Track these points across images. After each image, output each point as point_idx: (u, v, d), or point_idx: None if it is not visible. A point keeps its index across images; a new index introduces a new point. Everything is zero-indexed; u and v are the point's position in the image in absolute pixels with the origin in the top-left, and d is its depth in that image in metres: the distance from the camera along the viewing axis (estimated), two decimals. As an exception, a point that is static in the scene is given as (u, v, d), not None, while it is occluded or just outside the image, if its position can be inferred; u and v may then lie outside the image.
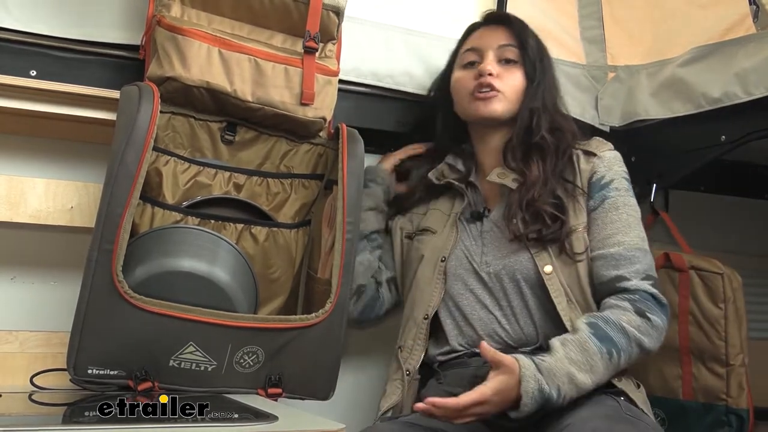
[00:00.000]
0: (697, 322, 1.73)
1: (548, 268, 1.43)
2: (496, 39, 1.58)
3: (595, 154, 1.51)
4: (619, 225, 1.45)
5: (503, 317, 1.47)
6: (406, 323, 1.55)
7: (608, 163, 1.51)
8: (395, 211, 1.69)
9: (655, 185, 1.77)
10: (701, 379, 1.72)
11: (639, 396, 1.40)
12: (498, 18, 1.65)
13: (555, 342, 1.34)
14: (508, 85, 1.54)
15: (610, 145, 1.54)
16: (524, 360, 1.29)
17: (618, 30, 1.98)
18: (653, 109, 1.80)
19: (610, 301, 1.40)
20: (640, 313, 1.37)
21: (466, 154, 1.62)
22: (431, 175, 1.62)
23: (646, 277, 1.42)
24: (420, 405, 1.26)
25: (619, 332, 1.34)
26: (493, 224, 1.53)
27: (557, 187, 1.48)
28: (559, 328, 1.40)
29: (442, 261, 1.53)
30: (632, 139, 1.57)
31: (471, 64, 1.58)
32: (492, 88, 1.53)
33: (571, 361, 1.30)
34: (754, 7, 1.66)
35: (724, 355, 1.70)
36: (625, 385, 1.39)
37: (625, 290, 1.40)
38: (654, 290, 1.41)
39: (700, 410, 1.72)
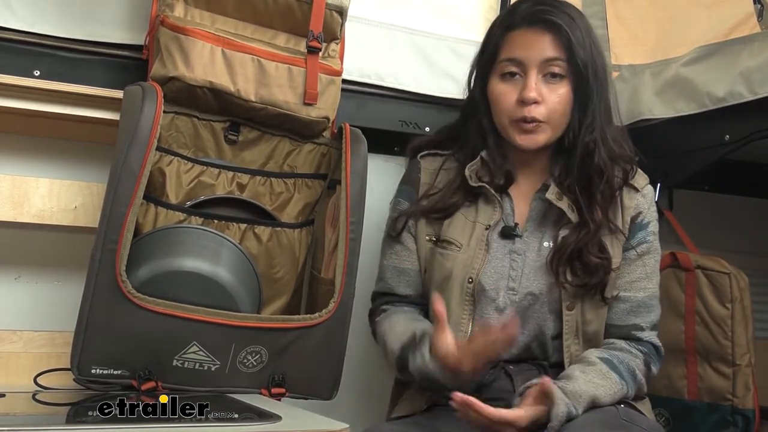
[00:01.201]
0: (703, 322, 1.72)
1: (571, 306, 1.42)
2: (541, 51, 1.42)
3: (638, 190, 1.49)
4: (648, 270, 1.48)
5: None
6: None
7: (649, 201, 1.50)
8: (415, 215, 1.51)
9: (659, 185, 1.76)
10: (707, 379, 1.72)
11: (642, 406, 1.44)
12: (544, 21, 1.43)
13: (574, 370, 1.36)
14: (553, 107, 1.43)
15: (647, 177, 1.52)
16: (552, 385, 1.31)
17: (622, 29, 1.97)
18: (657, 108, 1.79)
19: (623, 345, 1.45)
20: (647, 365, 1.45)
21: (500, 151, 1.49)
22: (468, 172, 1.47)
23: (653, 327, 1.48)
24: (460, 397, 1.25)
25: (630, 375, 1.40)
26: (526, 247, 1.45)
27: (605, 231, 1.44)
28: (557, 356, 1.43)
29: (469, 282, 1.43)
30: (636, 138, 1.56)
31: (511, 75, 1.44)
32: (535, 119, 1.42)
33: (595, 386, 1.34)
34: (759, 5, 1.65)
35: (731, 355, 1.69)
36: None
37: (638, 339, 1.46)
38: (658, 342, 1.48)
39: (705, 410, 1.72)
